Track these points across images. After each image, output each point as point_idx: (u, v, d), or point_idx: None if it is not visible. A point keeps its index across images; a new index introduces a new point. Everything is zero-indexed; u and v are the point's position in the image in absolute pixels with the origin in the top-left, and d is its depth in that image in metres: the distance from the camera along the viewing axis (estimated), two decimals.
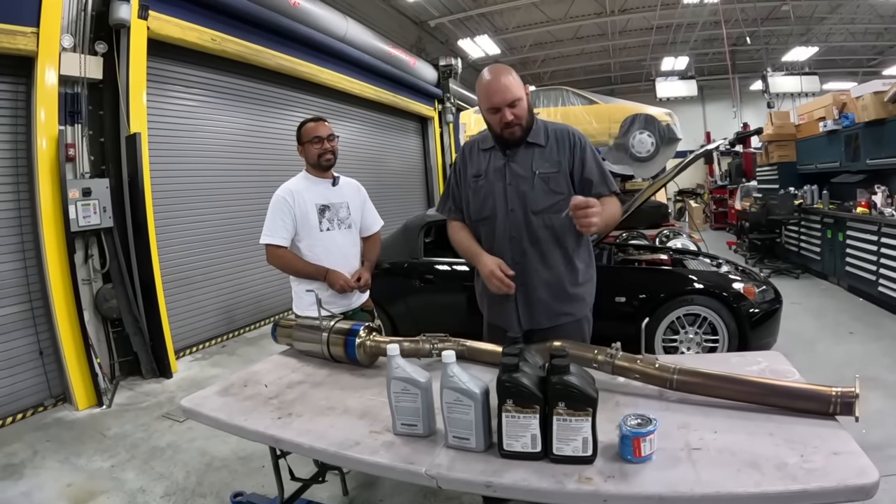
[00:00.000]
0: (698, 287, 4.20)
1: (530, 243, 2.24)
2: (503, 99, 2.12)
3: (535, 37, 14.29)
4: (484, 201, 2.30)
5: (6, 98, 4.36)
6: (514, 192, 2.24)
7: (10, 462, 3.63)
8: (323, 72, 8.30)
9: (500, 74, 2.15)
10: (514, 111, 2.14)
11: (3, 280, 4.34)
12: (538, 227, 2.23)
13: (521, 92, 2.17)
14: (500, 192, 2.26)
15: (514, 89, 2.14)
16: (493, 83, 2.14)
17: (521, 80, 2.19)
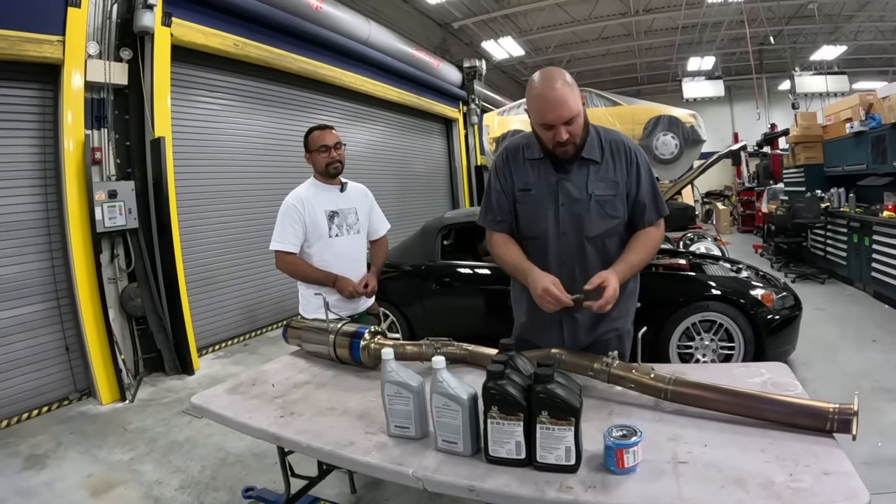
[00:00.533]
0: (714, 293, 4.13)
1: (581, 269, 2.05)
2: (559, 116, 1.86)
3: (560, 37, 14.20)
4: (533, 220, 2.09)
5: (34, 104, 4.51)
6: (568, 215, 2.03)
7: (34, 453, 3.76)
8: (346, 74, 8.36)
9: (556, 85, 1.86)
10: (569, 129, 1.89)
11: (32, 279, 4.48)
12: (590, 252, 2.06)
13: (579, 105, 1.91)
14: (552, 213, 2.05)
15: (571, 104, 1.87)
16: (549, 96, 1.86)
17: (577, 89, 1.93)
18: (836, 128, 8.09)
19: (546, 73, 1.92)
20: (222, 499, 3.05)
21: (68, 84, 4.45)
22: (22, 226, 4.45)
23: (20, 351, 4.38)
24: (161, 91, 5.20)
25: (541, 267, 2.06)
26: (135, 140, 5.21)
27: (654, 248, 2.12)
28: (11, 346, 4.33)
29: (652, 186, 2.08)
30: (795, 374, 4.00)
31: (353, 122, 9.20)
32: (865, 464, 2.86)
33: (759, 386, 1.76)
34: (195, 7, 5.59)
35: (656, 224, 2.10)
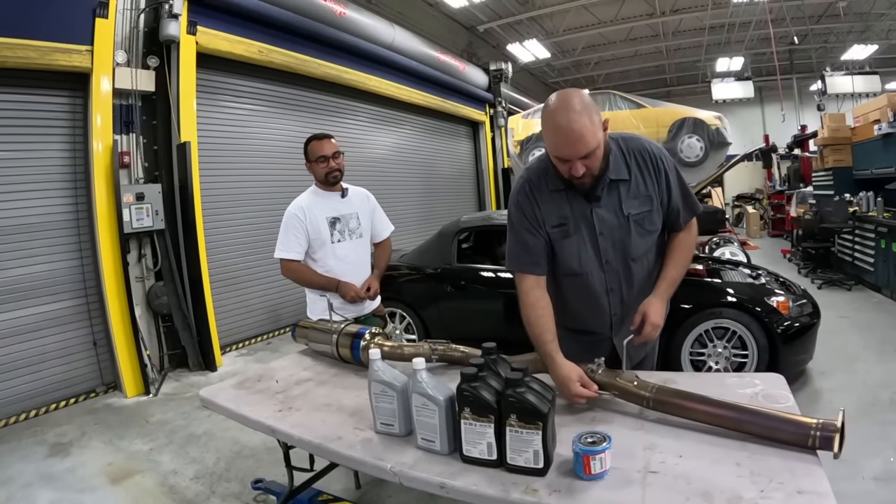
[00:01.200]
0: (727, 300, 4.05)
1: (628, 290, 1.98)
2: (575, 152, 1.72)
3: (587, 39, 14.07)
4: (576, 256, 1.95)
5: (65, 110, 4.71)
6: (608, 243, 1.92)
7: (60, 441, 3.95)
8: (370, 79, 8.42)
9: (572, 116, 1.68)
10: (586, 162, 1.75)
11: (62, 276, 4.70)
12: (637, 272, 1.97)
13: (599, 137, 1.73)
14: (591, 246, 1.93)
15: (588, 138, 1.69)
16: (565, 129, 1.70)
17: (598, 117, 1.74)
18: (864, 129, 7.87)
19: (563, 100, 1.73)
20: (233, 489, 3.15)
21: (97, 91, 4.64)
22: (53, 226, 4.66)
23: (50, 345, 4.59)
24: (187, 97, 5.37)
25: (586, 300, 2.00)
26: (162, 144, 5.38)
27: (691, 254, 2.06)
28: (42, 340, 4.54)
29: (682, 188, 1.98)
30: (812, 384, 3.96)
31: (378, 126, 9.27)
32: (876, 479, 2.79)
33: (749, 397, 1.72)
34: (220, 15, 5.73)
35: (689, 226, 2.03)
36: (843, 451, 3.04)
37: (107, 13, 4.63)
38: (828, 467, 2.96)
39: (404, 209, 9.69)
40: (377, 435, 1.75)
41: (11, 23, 4.13)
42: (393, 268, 5.21)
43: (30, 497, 3.20)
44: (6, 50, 4.05)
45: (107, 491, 3.23)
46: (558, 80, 17.98)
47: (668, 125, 8.71)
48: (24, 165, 4.50)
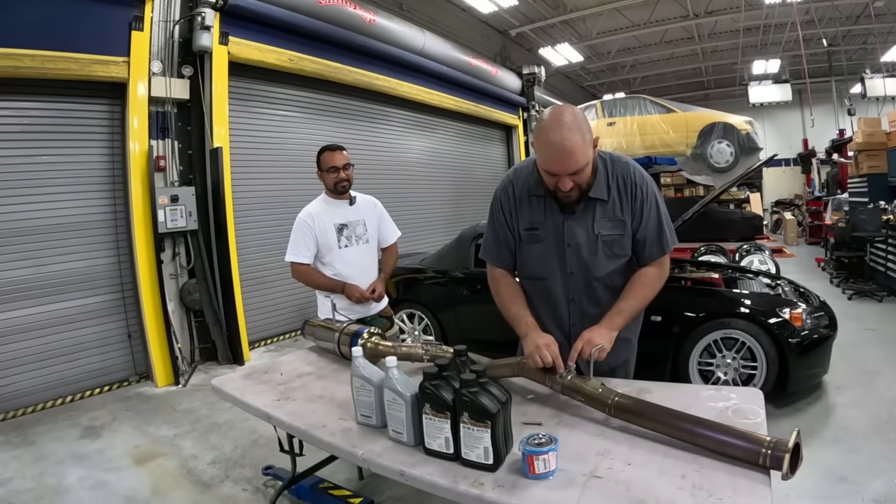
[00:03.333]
0: (736, 310, 3.96)
1: (591, 305, 2.03)
2: (564, 168, 1.79)
3: (621, 42, 13.88)
4: (541, 261, 2.04)
5: (104, 117, 5.02)
6: (574, 256, 1.98)
7: (92, 425, 4.23)
8: (402, 84, 8.54)
9: (564, 133, 1.74)
10: (574, 179, 1.82)
11: (100, 272, 5.00)
12: (599, 288, 2.02)
13: (589, 155, 1.80)
14: (558, 253, 2.00)
15: (579, 155, 1.76)
16: (557, 145, 1.75)
17: (590, 135, 1.80)
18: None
19: (556, 116, 1.78)
20: (246, 475, 3.33)
21: (133, 99, 4.92)
22: (92, 225, 4.97)
23: (88, 336, 4.90)
24: (219, 104, 5.60)
25: (549, 305, 2.07)
26: (196, 149, 5.63)
27: (652, 291, 2.03)
28: (80, 331, 4.85)
29: (658, 222, 1.99)
30: (826, 399, 3.89)
31: (411, 131, 9.39)
32: (875, 501, 2.72)
33: (718, 411, 1.73)
34: (251, 26, 5.94)
35: (658, 262, 2.03)
36: (846, 469, 3.03)
37: (142, 26, 4.91)
38: (827, 485, 2.97)
39: (436, 212, 9.82)
40: (357, 425, 1.88)
41: (52, 37, 4.42)
42: (414, 270, 5.34)
43: (60, 473, 3.46)
44: (48, 62, 4.35)
45: (130, 471, 3.47)
46: (594, 83, 17.81)
47: (697, 130, 8.58)
48: (67, 169, 4.80)
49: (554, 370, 1.86)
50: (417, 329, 5.34)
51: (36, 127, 4.63)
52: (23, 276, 4.55)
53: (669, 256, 2.09)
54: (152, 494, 3.18)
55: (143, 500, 3.12)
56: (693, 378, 3.94)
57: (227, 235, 5.61)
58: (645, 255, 2.01)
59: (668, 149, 8.80)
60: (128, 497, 3.15)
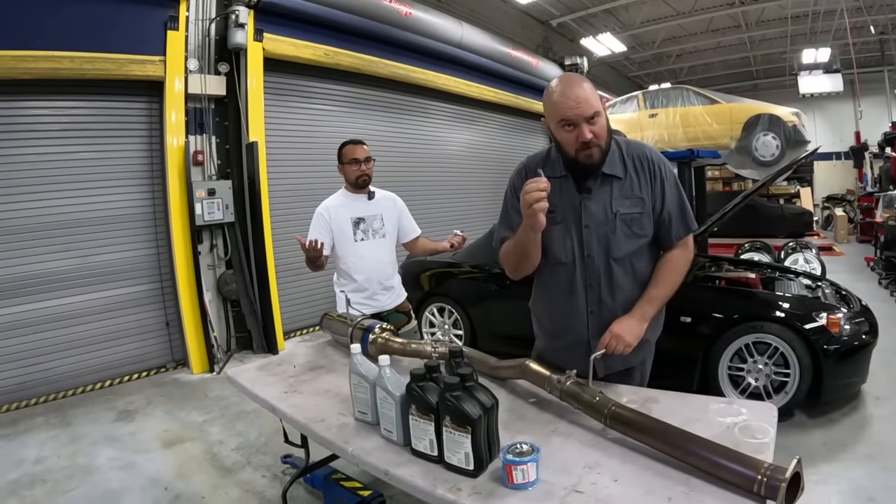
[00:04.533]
0: (769, 313, 3.73)
1: (609, 291, 1.94)
2: (580, 112, 1.75)
3: (666, 31, 13.38)
4: (558, 244, 1.96)
5: (143, 114, 5.19)
6: (593, 237, 1.91)
7: (128, 408, 4.42)
8: (439, 77, 8.45)
9: (574, 83, 1.79)
10: (593, 128, 1.78)
11: (139, 263, 5.20)
12: (618, 274, 1.93)
13: (600, 105, 1.80)
14: (576, 236, 1.93)
15: (592, 100, 1.76)
16: (568, 92, 1.77)
17: (597, 93, 1.83)
18: None
19: (563, 76, 1.86)
20: (266, 462, 3.42)
21: (170, 97, 5.07)
22: (132, 218, 5.16)
23: (127, 323, 5.10)
24: (255, 100, 5.69)
25: (567, 291, 1.99)
26: (233, 144, 5.75)
27: (680, 276, 1.97)
28: (120, 319, 5.06)
29: (679, 200, 1.95)
30: (863, 410, 3.68)
31: (450, 123, 9.31)
32: None
33: (724, 427, 1.62)
34: (286, 22, 6.00)
35: (683, 243, 1.97)
36: (876, 489, 2.85)
37: (177, 25, 5.05)
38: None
39: (478, 206, 9.72)
40: (354, 421, 1.88)
41: (90, 39, 4.58)
42: (446, 265, 5.31)
43: (92, 453, 3.64)
44: (86, 63, 4.52)
45: (158, 454, 3.61)
46: (639, 73, 17.30)
47: (742, 122, 8.21)
48: (108, 165, 5.00)
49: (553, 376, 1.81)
50: (447, 323, 5.30)
51: (77, 125, 4.81)
52: (68, 267, 4.78)
53: (694, 239, 2.02)
54: (176, 477, 3.30)
55: (167, 482, 3.23)
56: (722, 383, 3.75)
57: (263, 228, 5.70)
58: (672, 234, 1.95)
59: (711, 141, 8.47)
60: (153, 478, 3.27)
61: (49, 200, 4.67)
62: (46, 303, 4.65)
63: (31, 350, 4.59)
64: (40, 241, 4.64)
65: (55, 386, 4.67)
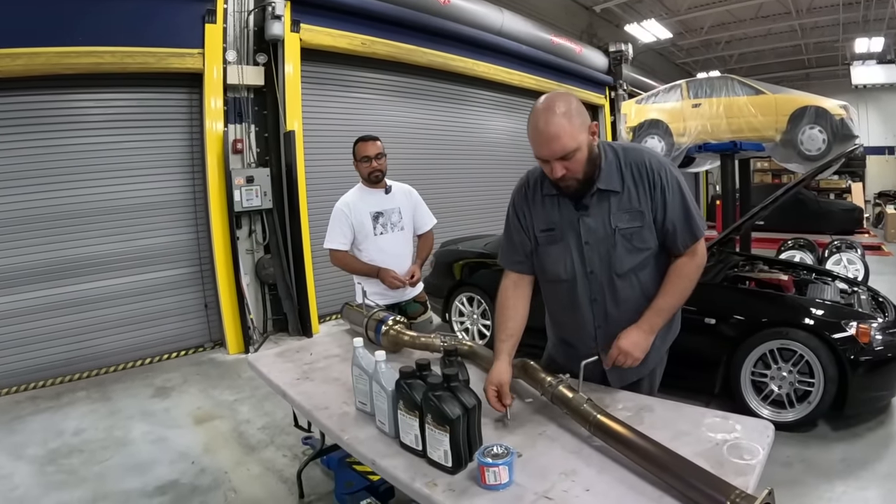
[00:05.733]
0: (795, 319, 3.53)
1: (615, 305, 1.90)
2: (551, 151, 1.69)
3: (714, 17, 12.81)
4: (558, 262, 1.92)
5: (183, 105, 5.35)
6: (594, 253, 1.86)
7: (165, 385, 4.63)
8: (479, 65, 8.34)
9: (549, 118, 1.67)
10: (566, 164, 1.71)
11: (180, 247, 5.41)
12: (623, 287, 1.88)
13: (579, 140, 1.69)
14: (577, 254, 1.88)
15: (565, 139, 1.67)
16: (541, 129, 1.68)
17: (581, 120, 1.71)
18: None
19: (546, 102, 1.72)
20: (289, 442, 3.53)
21: (209, 87, 5.21)
22: (174, 204, 5.36)
23: (168, 304, 5.33)
24: (292, 89, 5.77)
25: (568, 306, 1.96)
26: (272, 132, 5.86)
27: (690, 283, 1.89)
28: (162, 300, 5.28)
29: (683, 207, 1.84)
30: (891, 425, 3.51)
31: (491, 111, 9.22)
32: None
33: (713, 444, 1.55)
34: (322, 13, 6.02)
35: (692, 250, 1.88)
36: None
37: (215, 18, 5.17)
38: None
39: None
40: (356, 411, 1.92)
41: (130, 34, 4.74)
42: (478, 255, 5.31)
43: (127, 427, 3.84)
44: (127, 58, 4.69)
45: (188, 429, 3.79)
46: (687, 60, 16.67)
47: (787, 114, 7.79)
48: (150, 153, 5.20)
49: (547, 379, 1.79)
50: (476, 313, 5.30)
51: (121, 116, 5.01)
52: (112, 250, 5.01)
53: (705, 241, 1.93)
54: (203, 451, 3.46)
55: (194, 456, 3.39)
56: (744, 389, 3.60)
57: (300, 214, 5.82)
58: (679, 243, 1.86)
59: (755, 133, 8.09)
60: (181, 452, 3.44)
61: (95, 187, 4.89)
62: (93, 284, 4.90)
63: (78, 328, 4.84)
64: (87, 226, 4.88)
65: (98, 362, 4.93)
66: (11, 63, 4.25)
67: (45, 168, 4.67)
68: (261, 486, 3.07)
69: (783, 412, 3.48)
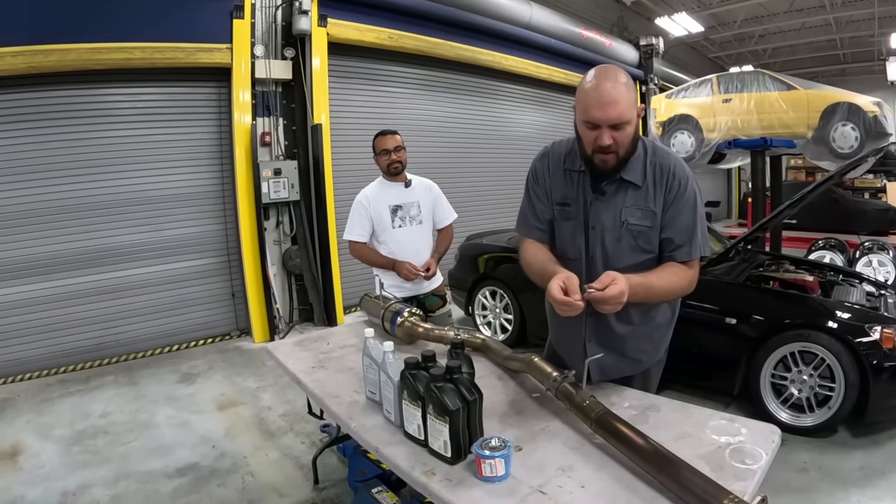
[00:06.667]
0: (820, 322, 3.40)
1: None
2: (606, 117, 1.61)
3: (747, 10, 12.45)
4: (569, 240, 1.88)
5: (212, 99, 5.45)
6: (597, 240, 1.80)
7: (190, 372, 4.74)
8: (507, 58, 8.28)
9: (610, 80, 1.62)
10: (615, 135, 1.64)
11: (209, 237, 5.52)
12: None
13: (632, 112, 1.64)
14: (584, 234, 1.83)
15: (622, 106, 1.61)
16: (601, 90, 1.61)
17: (635, 97, 1.67)
18: None
19: (602, 69, 1.67)
20: (307, 429, 3.59)
21: (237, 82, 5.29)
22: (203, 195, 5.47)
23: (196, 293, 5.46)
24: (319, 83, 5.81)
25: None
26: (300, 126, 5.92)
27: (680, 289, 1.80)
28: (190, 288, 5.41)
29: (691, 221, 1.76)
30: None
31: (519, 105, 9.14)
32: None
33: (715, 447, 1.51)
34: (349, 7, 6.05)
35: (689, 264, 1.79)
36: None
37: (243, 14, 5.24)
38: None
39: None
40: (365, 400, 1.94)
41: (160, 30, 4.85)
42: (503, 249, 5.28)
43: (152, 410, 3.95)
44: (156, 53, 4.80)
45: (211, 415, 3.88)
46: (720, 54, 16.24)
47: (819, 110, 7.53)
48: (180, 146, 5.31)
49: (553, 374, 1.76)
50: (498, 307, 5.28)
51: (151, 109, 5.13)
52: (142, 240, 5.15)
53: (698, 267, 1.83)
54: (224, 436, 3.54)
55: (215, 440, 3.48)
56: (764, 391, 3.50)
57: (327, 206, 5.88)
58: (676, 254, 1.77)
59: (786, 129, 7.84)
60: (203, 436, 3.53)
61: (126, 179, 5.03)
62: (123, 272, 5.05)
63: (108, 315, 5.00)
64: (118, 216, 5.02)
65: (127, 348, 5.07)
66: (44, 59, 4.39)
67: (77, 160, 4.82)
68: (278, 471, 3.13)
69: (802, 416, 3.39)
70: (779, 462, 2.89)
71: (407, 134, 6.78)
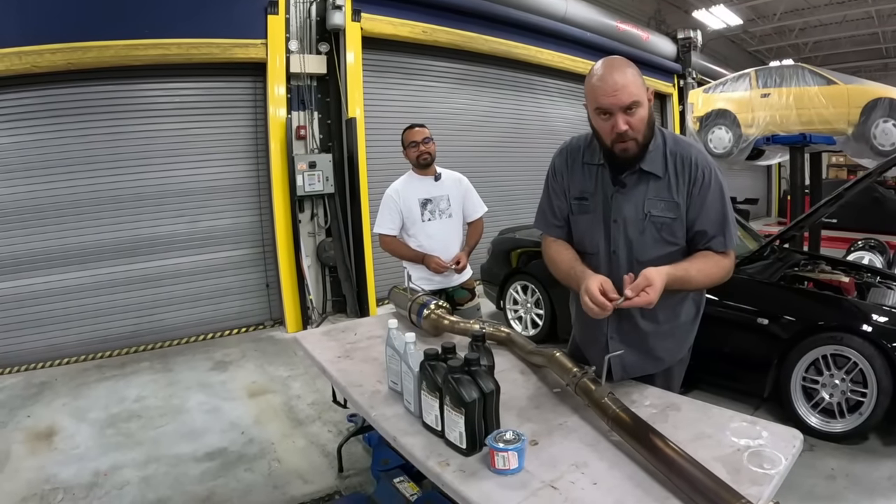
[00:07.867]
0: (853, 325, 3.26)
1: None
2: (617, 101, 1.60)
3: (787, 3, 12.00)
4: (585, 234, 1.86)
5: (247, 93, 5.53)
6: (620, 234, 1.77)
7: (224, 360, 4.83)
8: (542, 52, 8.17)
9: (615, 68, 1.62)
10: (629, 119, 1.62)
11: (244, 228, 5.62)
12: None
13: (642, 94, 1.62)
14: (605, 228, 1.80)
15: (631, 87, 1.59)
16: (607, 78, 1.61)
17: (642, 80, 1.66)
18: None
19: (606, 59, 1.67)
20: (335, 418, 3.62)
21: (272, 76, 5.35)
22: (239, 188, 5.56)
23: (231, 283, 5.56)
24: (354, 78, 5.84)
25: None
26: (334, 119, 5.97)
27: (717, 279, 1.76)
28: (226, 279, 5.52)
29: (721, 212, 1.72)
30: None
31: (556, 99, 9.03)
32: None
33: (733, 450, 1.47)
34: (383, 2, 6.05)
35: (726, 253, 1.76)
36: None
37: (277, 10, 5.30)
38: None
39: None
40: (387, 390, 1.95)
41: (196, 26, 4.94)
42: (533, 243, 5.20)
43: (185, 396, 4.05)
44: (192, 49, 4.90)
45: (242, 402, 3.96)
46: (759, 47, 15.70)
47: (860, 106, 7.19)
48: (216, 139, 5.41)
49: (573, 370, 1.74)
50: (529, 302, 5.24)
51: (188, 104, 5.24)
52: (179, 231, 5.28)
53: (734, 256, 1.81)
54: (253, 423, 3.61)
55: (245, 427, 3.54)
56: (794, 394, 3.37)
57: (360, 199, 5.91)
58: (713, 246, 1.74)
59: (826, 125, 7.52)
60: (233, 423, 3.60)
61: (164, 171, 5.15)
62: (160, 262, 5.19)
63: (145, 303, 5.15)
64: (156, 207, 5.15)
65: (162, 335, 5.21)
66: (83, 56, 4.53)
67: (116, 153, 4.96)
68: (304, 459, 3.18)
69: (832, 422, 3.26)
70: (806, 468, 2.86)
71: (441, 128, 6.84)
